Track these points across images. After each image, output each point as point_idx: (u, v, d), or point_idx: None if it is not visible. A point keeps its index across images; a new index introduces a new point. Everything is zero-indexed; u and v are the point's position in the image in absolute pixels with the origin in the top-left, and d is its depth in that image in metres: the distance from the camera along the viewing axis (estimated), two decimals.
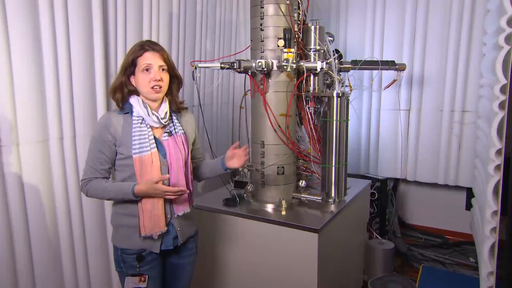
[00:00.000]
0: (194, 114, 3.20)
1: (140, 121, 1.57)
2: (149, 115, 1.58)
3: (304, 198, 2.21)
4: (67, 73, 2.02)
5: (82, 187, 1.60)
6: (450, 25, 3.04)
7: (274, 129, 2.14)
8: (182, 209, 1.65)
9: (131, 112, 1.59)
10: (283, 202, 2.18)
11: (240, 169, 2.40)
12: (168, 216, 1.62)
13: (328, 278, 2.10)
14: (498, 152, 1.97)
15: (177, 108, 1.72)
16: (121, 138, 1.56)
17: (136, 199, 1.54)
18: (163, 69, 1.60)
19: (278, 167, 2.19)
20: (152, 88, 1.57)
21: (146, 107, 1.58)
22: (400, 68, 2.54)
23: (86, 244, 2.17)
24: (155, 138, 1.60)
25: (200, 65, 2.04)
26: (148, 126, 1.59)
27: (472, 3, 2.94)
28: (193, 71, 1.95)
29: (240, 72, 2.09)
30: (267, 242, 2.06)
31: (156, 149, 1.57)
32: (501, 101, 1.95)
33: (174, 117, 1.69)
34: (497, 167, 1.98)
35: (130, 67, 1.58)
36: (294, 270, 1.99)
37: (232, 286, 2.21)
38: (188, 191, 1.60)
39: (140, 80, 1.57)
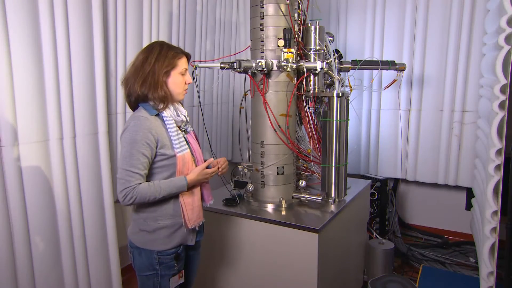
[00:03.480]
0: (194, 114, 3.21)
1: (173, 121, 1.62)
2: (178, 115, 1.65)
3: (304, 198, 2.21)
4: (67, 73, 2.02)
5: (127, 195, 1.51)
6: (450, 25, 3.04)
7: (274, 129, 2.14)
8: (210, 200, 1.77)
9: (160, 113, 1.60)
10: (283, 202, 2.18)
11: (240, 169, 2.41)
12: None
13: (328, 278, 2.10)
14: (498, 152, 1.97)
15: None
16: (163, 139, 1.57)
17: (186, 190, 1.61)
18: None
19: (278, 167, 2.19)
20: (184, 90, 1.66)
21: (175, 108, 1.65)
22: (400, 68, 2.54)
23: (86, 244, 2.18)
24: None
25: (200, 65, 2.04)
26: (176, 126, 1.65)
27: (472, 3, 2.94)
28: (193, 71, 1.95)
29: (240, 72, 2.09)
30: (267, 242, 2.06)
31: (188, 146, 1.66)
32: (501, 101, 1.95)
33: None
34: (497, 167, 1.98)
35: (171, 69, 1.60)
36: (294, 270, 1.99)
37: (232, 285, 2.21)
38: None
39: (178, 82, 1.61)
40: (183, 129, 1.70)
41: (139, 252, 1.64)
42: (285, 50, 2.02)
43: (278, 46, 2.09)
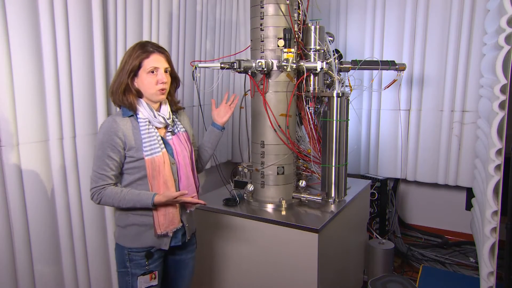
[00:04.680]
0: (194, 114, 3.21)
1: (147, 123, 1.59)
2: (155, 116, 1.60)
3: (304, 198, 2.21)
4: (67, 73, 2.02)
5: (94, 195, 1.56)
6: (450, 25, 3.04)
7: (274, 129, 2.14)
8: (192, 205, 1.70)
9: (135, 114, 1.59)
10: (283, 202, 2.18)
11: (240, 169, 2.41)
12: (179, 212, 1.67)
13: (328, 278, 2.10)
14: (498, 152, 1.97)
15: (176, 108, 1.76)
16: (131, 142, 1.56)
17: (153, 207, 1.57)
18: (166, 71, 1.62)
19: (278, 167, 2.19)
20: (158, 90, 1.59)
21: (151, 109, 1.61)
22: (400, 68, 2.54)
23: (86, 244, 2.17)
24: (162, 138, 1.63)
25: (200, 65, 2.04)
26: (154, 127, 1.61)
27: (472, 3, 2.94)
28: (193, 71, 1.95)
29: (240, 72, 2.09)
30: (267, 242, 2.06)
31: (165, 149, 1.61)
32: (501, 101, 1.95)
33: (174, 117, 1.73)
34: (497, 167, 1.98)
35: (137, 69, 1.57)
36: (294, 270, 1.99)
37: (232, 286, 2.21)
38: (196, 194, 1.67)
39: (146, 82, 1.57)
40: (169, 130, 1.66)
41: (116, 246, 1.67)
42: (285, 50, 2.02)
43: (278, 46, 2.09)
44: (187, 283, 1.84)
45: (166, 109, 1.66)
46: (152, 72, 1.56)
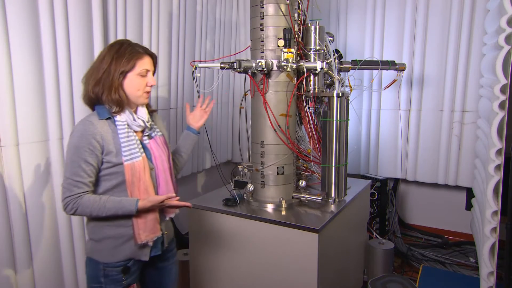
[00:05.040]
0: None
1: (126, 126, 1.50)
2: (134, 120, 1.53)
3: (304, 198, 2.21)
4: (67, 73, 2.02)
5: (68, 205, 1.42)
6: (450, 25, 3.04)
7: (274, 129, 2.14)
8: (172, 212, 1.64)
9: (113, 117, 1.50)
10: (283, 202, 2.18)
11: (240, 169, 2.41)
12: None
13: (328, 278, 2.10)
14: (498, 152, 1.97)
15: (150, 111, 1.68)
16: (109, 146, 1.46)
17: (135, 214, 1.49)
18: (153, 74, 1.59)
19: (278, 167, 2.19)
20: (145, 93, 1.54)
21: (131, 112, 1.53)
22: (400, 68, 2.54)
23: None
24: (140, 142, 1.56)
25: (200, 65, 2.04)
26: (132, 131, 1.53)
27: (472, 3, 2.94)
28: (193, 71, 1.94)
29: (240, 72, 2.09)
30: (267, 242, 2.06)
31: (144, 153, 1.54)
32: (501, 101, 1.95)
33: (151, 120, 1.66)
34: (497, 167, 1.98)
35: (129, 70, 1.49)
36: (294, 270, 1.99)
37: (232, 286, 2.21)
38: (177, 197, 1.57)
39: (135, 84, 1.50)
40: (146, 134, 1.59)
41: (88, 261, 1.55)
42: (285, 50, 2.02)
43: (278, 46, 2.09)
44: (174, 279, 1.77)
45: (144, 112, 1.58)
46: (142, 75, 1.51)
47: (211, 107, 1.93)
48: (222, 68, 2.04)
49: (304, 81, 2.21)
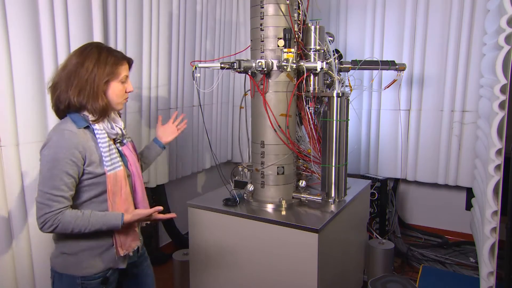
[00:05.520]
0: (194, 114, 3.21)
1: (106, 135, 1.44)
2: (113, 128, 1.48)
3: (304, 198, 2.21)
4: None
5: (47, 222, 1.32)
6: (450, 25, 3.04)
7: (274, 129, 2.14)
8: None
9: (91, 125, 1.42)
10: (283, 202, 2.18)
11: (240, 169, 2.41)
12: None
13: (328, 278, 2.10)
14: (498, 152, 1.97)
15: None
16: (91, 156, 1.38)
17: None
18: None
19: (278, 167, 2.19)
20: (124, 99, 1.51)
21: (108, 120, 1.48)
22: (400, 68, 2.54)
23: None
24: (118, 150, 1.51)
25: (200, 65, 2.04)
26: (110, 139, 1.47)
27: (472, 3, 2.94)
28: (193, 71, 1.94)
29: (240, 72, 2.09)
30: (267, 242, 2.06)
31: (122, 162, 1.49)
32: (501, 101, 1.95)
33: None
34: (497, 167, 1.98)
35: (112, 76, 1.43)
36: (294, 270, 1.99)
37: (232, 286, 2.21)
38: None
39: (117, 90, 1.45)
40: (118, 141, 1.53)
41: (60, 278, 1.44)
42: (285, 50, 2.02)
43: (278, 46, 2.09)
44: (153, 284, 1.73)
45: (119, 119, 1.54)
46: (122, 81, 1.47)
47: (183, 127, 1.89)
48: (222, 68, 2.04)
49: (304, 81, 2.21)
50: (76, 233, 1.36)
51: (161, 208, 1.50)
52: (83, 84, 1.37)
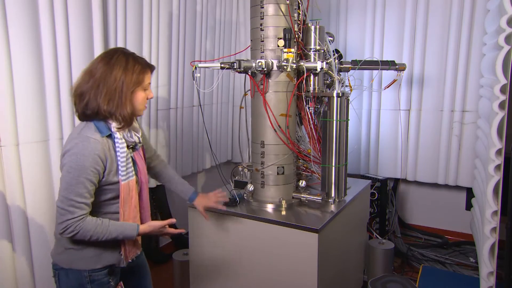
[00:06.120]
0: (194, 114, 3.21)
1: (125, 144, 1.46)
2: (131, 136, 1.49)
3: (304, 198, 2.21)
4: (67, 73, 2.02)
5: (69, 228, 1.33)
6: (450, 25, 3.04)
7: (274, 129, 2.14)
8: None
9: (113, 134, 1.43)
10: (283, 202, 2.18)
11: (240, 169, 2.41)
12: None
13: (328, 278, 2.10)
14: (498, 152, 1.97)
15: None
16: (111, 165, 1.41)
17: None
18: None
19: (278, 167, 2.19)
20: (144, 106, 1.52)
21: (129, 129, 1.50)
22: (400, 68, 2.54)
23: None
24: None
25: (200, 65, 2.04)
26: (126, 147, 1.48)
27: (472, 3, 2.94)
28: (193, 71, 1.94)
29: (240, 72, 2.09)
30: (267, 242, 2.06)
31: (134, 170, 1.51)
32: (501, 101, 1.95)
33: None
34: (497, 167, 1.98)
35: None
36: (294, 270, 1.99)
37: (232, 286, 2.21)
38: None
39: (141, 98, 1.47)
40: (131, 146, 1.52)
41: (65, 274, 1.45)
42: (285, 50, 2.02)
43: (278, 46, 2.09)
44: (149, 278, 1.78)
45: (137, 127, 1.56)
46: (146, 88, 1.49)
47: (218, 206, 1.95)
48: (222, 68, 2.04)
49: (304, 81, 2.21)
50: (96, 239, 1.38)
51: (174, 220, 1.55)
52: (112, 92, 1.39)
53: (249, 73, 2.14)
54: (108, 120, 1.42)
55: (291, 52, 2.01)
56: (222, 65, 2.03)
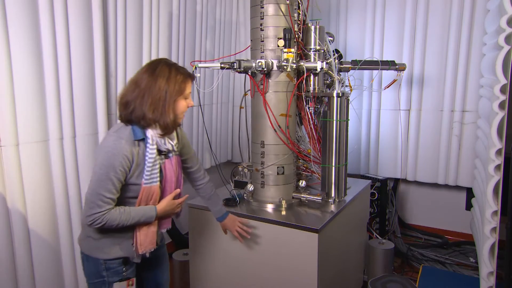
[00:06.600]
0: (194, 114, 3.21)
1: (156, 150, 1.53)
2: (165, 143, 1.55)
3: (304, 198, 2.21)
4: (67, 73, 2.02)
5: (96, 220, 1.44)
6: (450, 25, 3.04)
7: (274, 129, 2.14)
8: (166, 226, 1.69)
9: (146, 138, 1.51)
10: (283, 202, 2.18)
11: (240, 169, 2.41)
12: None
13: (328, 278, 2.10)
14: (498, 152, 1.97)
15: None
16: (135, 168, 1.49)
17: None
18: None
19: (278, 167, 2.19)
20: (183, 114, 1.59)
21: (159, 135, 1.55)
22: (400, 68, 2.54)
23: None
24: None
25: (200, 65, 2.04)
26: (157, 153, 1.55)
27: (472, 3, 2.94)
28: (193, 71, 1.94)
29: (240, 72, 2.09)
30: (267, 242, 2.06)
31: (160, 177, 1.57)
32: (501, 101, 1.95)
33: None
34: (497, 167, 1.98)
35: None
36: (294, 270, 1.99)
37: (232, 286, 2.21)
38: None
39: (182, 107, 1.55)
40: (164, 153, 1.59)
41: (87, 259, 1.58)
42: (285, 50, 2.02)
43: (278, 46, 2.09)
44: (167, 278, 1.85)
45: (174, 135, 1.62)
46: (186, 97, 1.57)
47: (243, 235, 1.99)
48: (222, 68, 2.04)
49: (304, 81, 2.21)
50: (121, 226, 1.49)
51: (179, 190, 1.64)
52: (157, 102, 1.47)
53: (249, 73, 2.14)
54: (150, 127, 1.50)
55: (291, 52, 2.01)
56: (222, 65, 2.03)
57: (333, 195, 2.22)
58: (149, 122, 1.48)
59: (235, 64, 2.02)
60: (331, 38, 2.41)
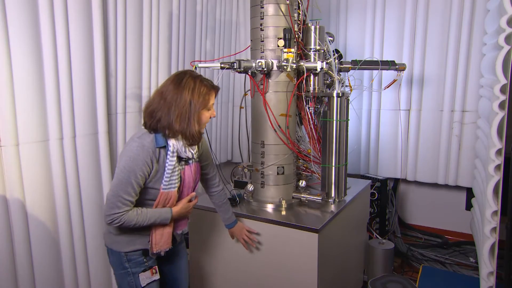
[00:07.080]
0: None
1: (176, 157, 1.58)
2: (185, 151, 1.60)
3: (304, 198, 2.21)
4: (67, 73, 2.02)
5: (115, 220, 1.51)
6: (450, 25, 3.04)
7: (274, 129, 2.14)
8: (182, 228, 1.75)
9: (167, 146, 1.56)
10: (283, 202, 2.18)
11: (240, 169, 2.41)
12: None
13: (328, 278, 2.10)
14: (498, 152, 1.97)
15: None
16: (156, 173, 1.56)
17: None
18: None
19: (278, 167, 2.19)
20: (205, 124, 1.65)
21: (183, 144, 1.60)
22: (400, 68, 2.54)
23: (86, 244, 2.18)
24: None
25: (200, 65, 2.04)
26: (177, 160, 1.60)
27: (472, 3, 2.94)
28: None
29: (240, 72, 2.09)
30: (267, 242, 2.06)
31: (179, 183, 1.62)
32: (501, 101, 1.95)
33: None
34: (497, 167, 1.98)
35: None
36: (294, 270, 1.99)
37: (232, 286, 2.21)
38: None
39: (204, 117, 1.60)
40: (184, 160, 1.65)
41: (110, 251, 1.67)
42: (285, 50, 2.02)
43: (278, 46, 2.09)
44: (186, 272, 1.89)
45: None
46: (209, 109, 1.62)
47: (242, 241, 2.05)
48: (222, 68, 2.04)
49: (304, 81, 2.21)
50: (139, 226, 1.56)
51: (194, 193, 1.71)
52: (183, 113, 1.53)
53: (249, 73, 2.14)
54: (174, 137, 1.55)
55: (291, 52, 2.01)
56: (222, 65, 2.03)
57: (333, 195, 2.22)
58: (175, 133, 1.54)
59: (235, 64, 2.02)
60: (331, 38, 2.41)
